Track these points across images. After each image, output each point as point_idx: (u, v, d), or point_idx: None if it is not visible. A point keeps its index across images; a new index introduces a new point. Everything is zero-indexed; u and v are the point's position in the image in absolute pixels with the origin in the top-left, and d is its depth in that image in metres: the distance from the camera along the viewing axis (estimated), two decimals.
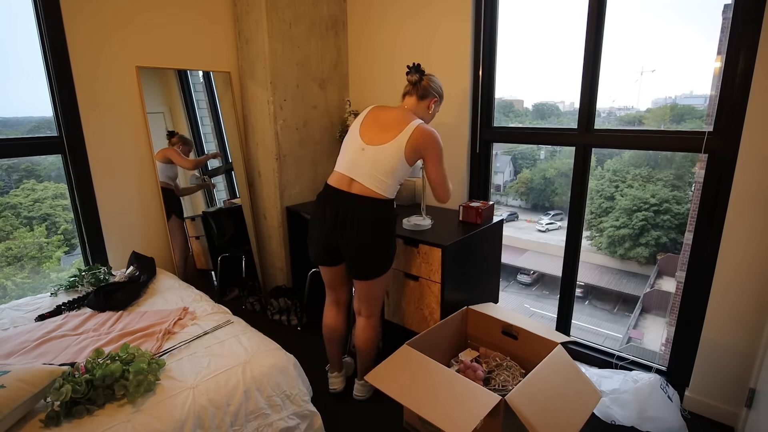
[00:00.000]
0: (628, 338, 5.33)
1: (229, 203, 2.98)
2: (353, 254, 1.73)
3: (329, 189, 1.75)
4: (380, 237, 1.73)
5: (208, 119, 2.85)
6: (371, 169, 1.68)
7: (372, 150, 1.69)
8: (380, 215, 1.70)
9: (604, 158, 5.65)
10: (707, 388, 1.89)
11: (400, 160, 1.68)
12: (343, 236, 1.71)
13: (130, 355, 1.42)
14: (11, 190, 2.72)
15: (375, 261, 1.76)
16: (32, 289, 2.64)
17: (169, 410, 1.28)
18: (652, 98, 4.72)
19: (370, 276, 1.78)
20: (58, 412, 1.22)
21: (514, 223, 6.74)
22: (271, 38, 2.47)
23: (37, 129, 2.40)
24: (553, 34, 4.81)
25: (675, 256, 5.24)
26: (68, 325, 1.76)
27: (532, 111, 5.35)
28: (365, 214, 1.68)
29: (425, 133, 1.69)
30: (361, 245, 1.71)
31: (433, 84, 1.82)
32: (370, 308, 1.88)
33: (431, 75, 1.83)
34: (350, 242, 1.71)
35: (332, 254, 1.79)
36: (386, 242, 1.76)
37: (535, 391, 1.43)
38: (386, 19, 2.69)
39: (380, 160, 1.68)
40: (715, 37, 2.06)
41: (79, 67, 2.15)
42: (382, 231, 1.73)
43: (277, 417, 1.49)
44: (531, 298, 6.44)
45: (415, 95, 1.80)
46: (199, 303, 1.95)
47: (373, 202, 1.69)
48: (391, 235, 1.78)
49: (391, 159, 1.67)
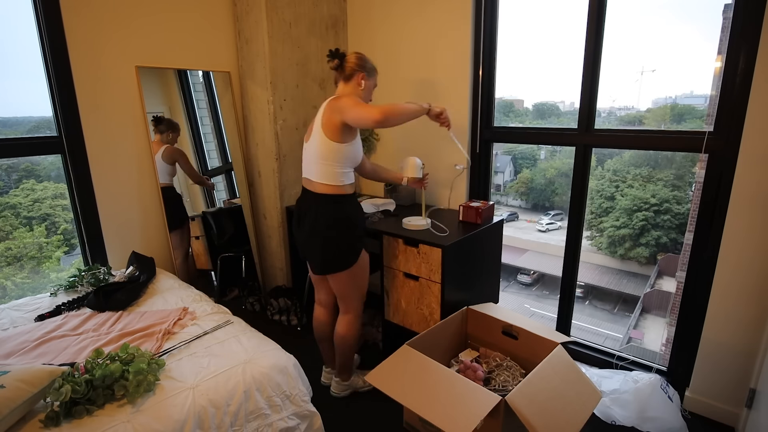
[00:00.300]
0: (629, 338, 5.33)
1: (229, 203, 2.98)
2: (306, 250, 1.85)
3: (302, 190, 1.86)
4: (330, 231, 1.75)
5: (207, 119, 2.85)
6: (311, 162, 1.76)
7: (308, 144, 1.80)
8: (328, 210, 1.74)
9: (605, 158, 5.65)
10: (707, 388, 1.89)
11: (322, 140, 1.69)
12: (300, 233, 1.84)
13: (130, 355, 1.41)
14: (11, 190, 2.72)
15: (327, 255, 1.78)
16: (32, 289, 2.64)
17: (169, 410, 1.28)
18: (652, 98, 4.72)
19: (326, 270, 1.82)
20: (58, 412, 1.22)
21: (514, 223, 6.74)
22: (271, 38, 2.47)
23: (37, 129, 2.40)
24: (554, 34, 4.81)
25: (675, 256, 5.24)
26: (68, 325, 1.76)
27: (533, 111, 5.35)
28: (315, 210, 1.75)
29: (332, 99, 1.71)
30: (310, 240, 1.79)
31: (356, 60, 1.77)
32: (344, 304, 1.93)
33: (354, 52, 1.80)
34: (304, 239, 1.82)
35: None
36: (337, 236, 1.76)
37: (536, 392, 1.43)
38: (386, 18, 2.69)
39: (312, 147, 1.75)
40: (716, 36, 2.06)
41: (78, 66, 2.15)
42: (332, 225, 1.75)
43: (277, 417, 1.49)
44: (531, 298, 6.44)
45: (341, 79, 1.79)
46: (199, 303, 1.95)
47: (324, 198, 1.74)
48: (343, 228, 1.77)
49: (316, 142, 1.72)
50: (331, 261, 1.79)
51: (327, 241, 1.76)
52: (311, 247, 1.81)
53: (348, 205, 1.79)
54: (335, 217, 1.74)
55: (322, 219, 1.74)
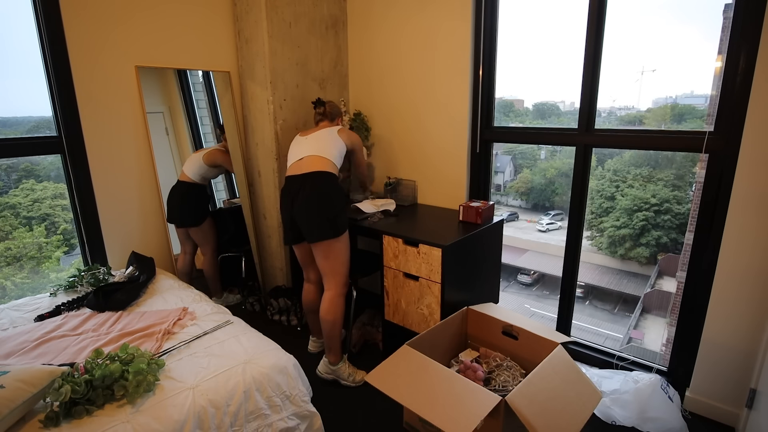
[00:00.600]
0: (629, 338, 5.32)
1: (229, 203, 2.98)
2: (302, 220, 1.99)
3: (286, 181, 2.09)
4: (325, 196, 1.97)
5: (207, 119, 2.85)
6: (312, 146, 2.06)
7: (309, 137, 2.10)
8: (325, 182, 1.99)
9: (605, 158, 5.64)
10: (708, 388, 1.89)
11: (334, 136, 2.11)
12: (297, 210, 1.99)
13: (130, 355, 1.41)
14: (10, 190, 2.71)
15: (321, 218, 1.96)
16: (31, 290, 2.64)
17: (169, 411, 1.28)
18: (652, 98, 4.71)
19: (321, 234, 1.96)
20: (58, 412, 1.22)
21: (514, 223, 6.73)
22: (270, 38, 2.47)
23: (37, 129, 2.39)
24: (554, 34, 4.81)
25: (675, 257, 5.23)
26: (67, 325, 1.76)
27: (533, 111, 5.34)
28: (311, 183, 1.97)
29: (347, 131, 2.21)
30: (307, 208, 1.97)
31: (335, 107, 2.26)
32: (328, 281, 2.05)
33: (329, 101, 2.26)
34: (300, 211, 1.98)
35: (295, 232, 2.06)
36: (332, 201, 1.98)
37: (536, 392, 1.43)
38: (386, 18, 2.68)
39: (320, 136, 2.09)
40: (716, 36, 2.06)
41: (78, 66, 2.15)
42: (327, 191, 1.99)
43: (276, 417, 1.49)
44: (531, 299, 6.43)
45: (326, 119, 2.23)
46: (199, 303, 1.95)
47: (320, 174, 1.99)
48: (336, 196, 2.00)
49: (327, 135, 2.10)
50: (326, 225, 1.95)
51: (322, 204, 1.95)
52: (308, 215, 1.96)
53: (337, 182, 2.06)
54: (331, 185, 2.00)
55: (319, 187, 1.96)
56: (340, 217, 1.99)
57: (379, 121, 2.89)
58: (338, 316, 2.05)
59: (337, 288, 2.05)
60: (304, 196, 1.96)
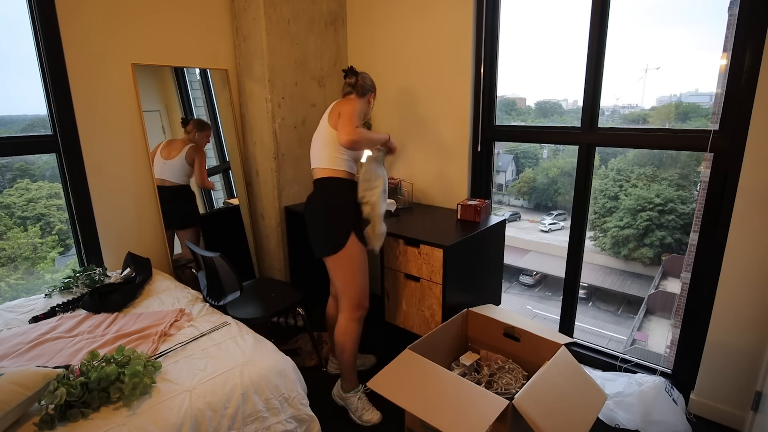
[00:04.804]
0: (633, 340, 5.30)
1: (227, 203, 2.96)
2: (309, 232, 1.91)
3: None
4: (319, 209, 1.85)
5: (205, 118, 2.82)
6: (315, 150, 1.91)
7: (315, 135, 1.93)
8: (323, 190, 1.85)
9: (608, 157, 5.62)
10: (713, 391, 1.87)
11: (326, 128, 1.85)
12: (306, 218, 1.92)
13: (126, 357, 1.40)
14: (5, 189, 2.70)
15: (316, 231, 1.87)
16: (26, 291, 2.62)
17: (166, 413, 1.26)
18: (656, 96, 4.70)
19: (317, 251, 1.87)
20: (53, 415, 1.21)
21: (516, 223, 6.71)
22: (269, 35, 2.44)
23: (31, 127, 2.37)
24: (556, 32, 4.79)
25: (680, 257, 5.21)
26: (63, 327, 1.74)
27: (535, 109, 5.32)
28: (313, 192, 1.89)
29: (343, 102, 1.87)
30: (308, 220, 1.90)
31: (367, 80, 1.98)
32: (341, 302, 1.90)
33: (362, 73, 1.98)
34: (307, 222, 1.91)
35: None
36: (326, 213, 1.83)
37: (542, 394, 1.41)
38: (386, 15, 2.66)
39: (320, 136, 1.89)
40: (721, 34, 2.04)
41: (73, 64, 2.12)
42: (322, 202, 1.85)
43: (275, 420, 1.47)
44: (533, 300, 6.41)
45: (355, 93, 1.95)
46: (196, 304, 1.93)
47: (320, 180, 1.86)
48: (333, 204, 1.83)
49: (323, 130, 1.88)
50: (320, 240, 1.85)
51: (316, 218, 1.86)
52: (309, 229, 1.90)
53: (336, 187, 1.84)
54: (328, 193, 1.84)
55: (315, 198, 1.87)
56: (337, 227, 1.81)
57: (379, 119, 2.87)
58: (348, 343, 1.87)
59: (349, 311, 1.87)
60: (306, 209, 1.92)
